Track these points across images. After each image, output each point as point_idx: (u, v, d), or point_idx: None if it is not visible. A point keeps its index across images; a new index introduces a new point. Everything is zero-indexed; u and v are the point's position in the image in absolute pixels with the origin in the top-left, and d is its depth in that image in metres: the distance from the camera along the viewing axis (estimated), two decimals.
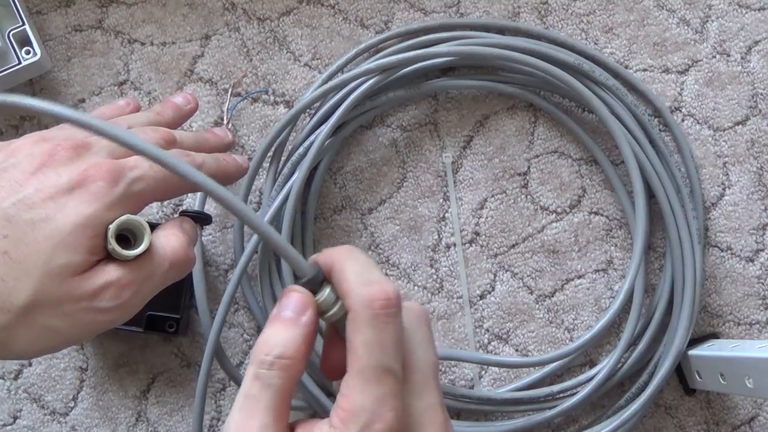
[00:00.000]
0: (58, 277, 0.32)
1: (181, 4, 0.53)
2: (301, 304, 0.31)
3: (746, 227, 0.52)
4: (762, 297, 0.52)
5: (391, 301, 0.29)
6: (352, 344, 0.29)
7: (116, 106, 0.43)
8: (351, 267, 0.31)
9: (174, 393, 0.51)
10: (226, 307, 0.45)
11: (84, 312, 0.33)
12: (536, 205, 0.53)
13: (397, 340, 0.30)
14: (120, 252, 0.33)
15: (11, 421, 0.51)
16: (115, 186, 0.34)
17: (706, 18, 0.54)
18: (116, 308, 0.34)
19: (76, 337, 0.34)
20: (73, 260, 0.32)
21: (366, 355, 0.29)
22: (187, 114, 0.45)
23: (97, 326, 0.34)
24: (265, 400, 0.29)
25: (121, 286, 0.33)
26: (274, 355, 0.30)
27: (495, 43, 0.50)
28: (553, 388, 0.50)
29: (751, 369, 0.43)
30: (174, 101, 0.45)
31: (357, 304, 0.29)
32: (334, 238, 0.52)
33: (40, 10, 0.53)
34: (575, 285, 0.52)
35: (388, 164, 0.53)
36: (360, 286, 0.30)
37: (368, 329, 0.29)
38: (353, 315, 0.29)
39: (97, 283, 0.33)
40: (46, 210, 0.32)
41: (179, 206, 0.52)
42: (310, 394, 0.48)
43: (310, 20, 0.53)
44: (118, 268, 0.34)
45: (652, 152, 0.50)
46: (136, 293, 0.34)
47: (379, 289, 0.30)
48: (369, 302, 0.29)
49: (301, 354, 0.30)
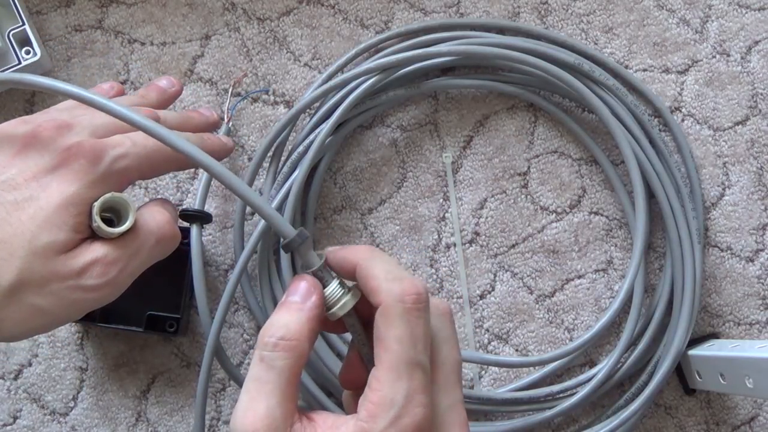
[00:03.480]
0: (44, 256, 0.32)
1: (181, 4, 0.53)
2: (306, 289, 0.32)
3: (746, 227, 0.52)
4: (762, 297, 0.52)
5: (422, 296, 0.30)
6: (383, 338, 0.30)
7: (100, 89, 0.43)
8: (378, 264, 0.31)
9: (174, 393, 0.51)
10: (226, 306, 0.45)
11: (71, 290, 0.33)
12: (536, 205, 0.53)
13: (426, 335, 0.30)
14: (105, 230, 0.33)
15: (11, 421, 0.51)
16: (97, 164, 0.34)
17: (706, 18, 0.54)
18: (103, 285, 0.33)
19: (64, 316, 0.33)
20: (58, 239, 0.32)
21: (399, 349, 0.29)
22: (171, 96, 0.45)
23: (85, 304, 0.34)
24: (271, 381, 0.30)
25: (108, 263, 0.33)
26: (278, 337, 0.31)
27: (495, 42, 0.50)
28: (553, 388, 0.50)
29: (751, 369, 0.43)
30: (158, 84, 0.45)
31: (389, 298, 0.30)
32: (334, 238, 0.52)
33: (40, 10, 0.53)
34: (575, 285, 0.52)
35: (388, 164, 0.53)
36: (390, 282, 0.30)
37: (401, 323, 0.30)
38: (384, 310, 0.30)
39: (83, 261, 0.33)
40: (30, 190, 0.32)
41: (179, 206, 0.52)
42: (310, 394, 0.48)
43: (310, 20, 0.53)
44: (104, 246, 0.34)
45: (652, 152, 0.50)
46: (123, 270, 0.34)
47: (410, 285, 0.30)
48: (401, 297, 0.30)
49: (304, 336, 0.31)
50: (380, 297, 0.30)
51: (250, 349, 0.51)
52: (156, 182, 0.52)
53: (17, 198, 0.32)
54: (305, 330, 0.31)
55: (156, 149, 0.36)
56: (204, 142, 0.41)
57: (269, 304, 0.49)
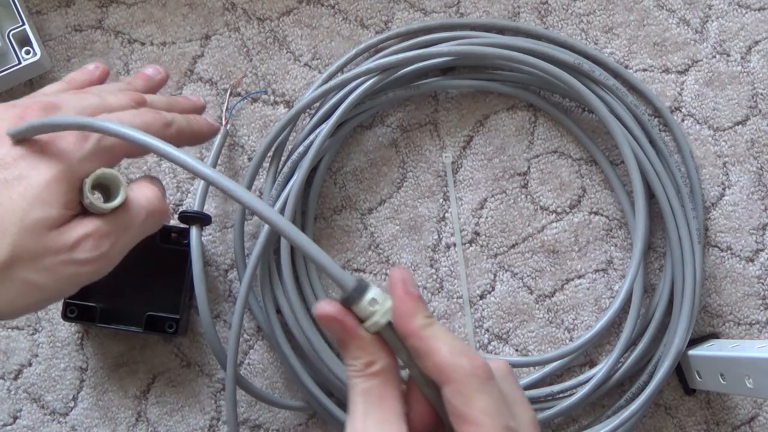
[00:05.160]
0: (35, 232, 0.32)
1: (181, 4, 0.53)
2: (332, 324, 0.31)
3: (746, 227, 0.52)
4: (762, 297, 0.52)
5: (487, 365, 0.30)
6: (466, 415, 0.29)
7: (86, 70, 0.43)
8: (439, 337, 0.30)
9: (174, 393, 0.51)
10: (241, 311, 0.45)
11: (64, 265, 0.33)
12: (536, 205, 0.53)
13: (505, 400, 0.30)
14: (97, 205, 0.34)
15: (11, 421, 0.51)
16: (85, 141, 0.34)
17: (706, 18, 0.54)
18: (96, 259, 0.34)
19: (58, 291, 0.34)
20: (49, 214, 0.32)
21: (489, 422, 0.29)
22: (157, 84, 0.46)
23: (78, 279, 0.34)
24: (360, 403, 0.31)
25: (100, 236, 0.34)
26: (357, 370, 0.31)
27: (495, 42, 0.50)
28: (553, 388, 0.50)
29: (751, 369, 0.43)
30: (144, 72, 0.45)
31: (460, 374, 0.29)
32: (334, 238, 0.52)
33: (40, 10, 0.53)
34: (575, 285, 0.52)
35: (388, 164, 0.53)
36: (457, 357, 0.30)
37: (483, 396, 0.29)
38: (460, 387, 0.29)
39: (75, 235, 0.33)
40: (19, 169, 0.33)
41: (179, 206, 0.52)
42: (311, 394, 0.48)
43: (310, 20, 0.53)
44: (95, 220, 0.34)
45: (652, 152, 0.50)
46: (115, 244, 0.35)
47: (477, 359, 0.30)
48: (473, 371, 0.29)
49: (369, 356, 0.31)
50: (448, 374, 0.30)
51: (250, 349, 0.51)
52: None
53: (7, 177, 0.32)
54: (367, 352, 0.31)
55: (143, 128, 0.36)
56: (191, 122, 0.42)
57: (269, 305, 0.49)
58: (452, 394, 0.29)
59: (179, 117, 0.41)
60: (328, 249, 0.52)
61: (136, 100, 0.40)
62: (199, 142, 0.44)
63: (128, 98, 0.39)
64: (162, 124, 0.39)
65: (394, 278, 0.31)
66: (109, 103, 0.38)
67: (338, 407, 0.48)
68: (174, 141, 0.39)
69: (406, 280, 0.31)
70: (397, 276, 0.31)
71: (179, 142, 0.40)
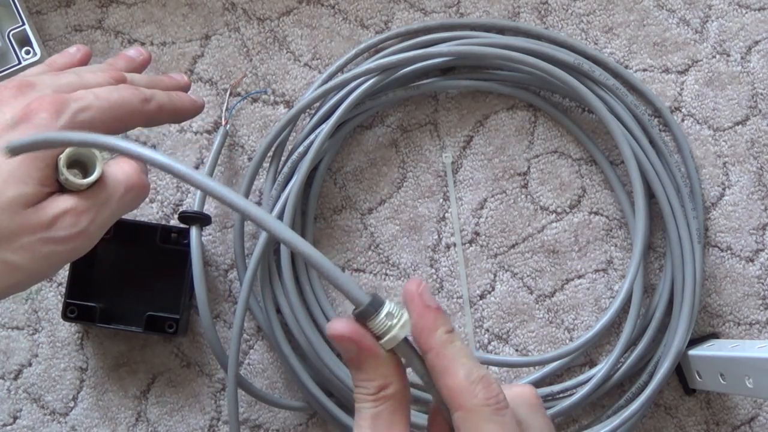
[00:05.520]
0: (11, 210, 0.32)
1: (181, 4, 0.53)
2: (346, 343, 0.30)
3: (746, 227, 0.52)
4: (762, 297, 0.52)
5: (501, 394, 0.29)
6: None
7: (67, 53, 0.42)
8: (458, 358, 0.29)
9: (174, 393, 0.51)
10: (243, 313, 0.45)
11: (42, 243, 0.32)
12: (536, 205, 0.53)
13: (517, 430, 0.29)
14: (73, 181, 0.33)
15: (11, 421, 0.51)
16: (59, 117, 0.33)
17: (706, 18, 0.54)
18: (75, 236, 0.33)
19: (37, 271, 0.33)
20: (23, 192, 0.32)
21: None
22: (139, 65, 0.44)
23: (58, 257, 0.33)
24: (367, 428, 0.30)
25: (78, 213, 0.33)
26: (368, 394, 0.30)
27: (495, 43, 0.50)
28: (553, 387, 0.50)
29: (751, 369, 0.43)
30: (126, 54, 0.44)
31: (472, 402, 0.28)
32: (334, 238, 0.52)
33: (40, 10, 0.53)
34: (575, 285, 0.52)
35: (388, 164, 0.53)
36: (472, 384, 0.29)
37: (493, 426, 0.28)
38: (468, 415, 0.28)
39: (52, 212, 0.32)
40: None
41: (179, 206, 0.52)
42: (311, 394, 0.48)
43: (310, 20, 0.53)
44: (72, 197, 0.33)
45: (652, 152, 0.50)
46: (94, 220, 0.34)
47: (490, 386, 0.29)
48: (486, 401, 0.28)
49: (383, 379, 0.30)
50: (460, 401, 0.29)
51: (250, 349, 0.51)
52: (156, 182, 0.52)
53: None
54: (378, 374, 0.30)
55: (122, 103, 0.36)
56: (172, 98, 0.40)
57: (269, 305, 0.49)
58: (461, 421, 0.29)
59: (160, 93, 0.40)
60: (328, 249, 0.52)
61: (114, 77, 0.39)
62: (182, 120, 0.43)
63: (107, 75, 0.38)
64: (140, 100, 0.37)
65: (410, 291, 0.30)
66: (87, 81, 0.37)
67: (338, 407, 0.48)
68: (155, 117, 0.38)
69: (423, 292, 0.30)
70: (413, 288, 0.30)
71: (160, 119, 0.39)
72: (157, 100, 0.39)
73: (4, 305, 0.51)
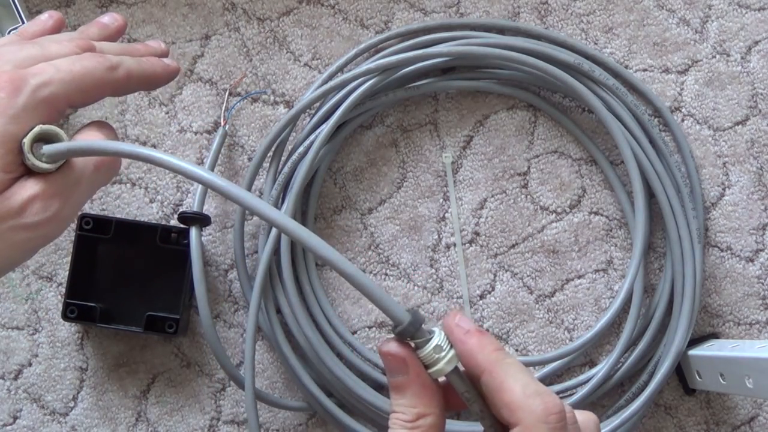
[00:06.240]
0: None
1: (181, 4, 0.53)
2: (396, 365, 0.30)
3: (746, 227, 0.52)
4: (762, 297, 0.52)
5: (563, 413, 0.28)
6: None
7: (38, 21, 0.40)
8: (513, 374, 0.29)
9: (174, 393, 0.51)
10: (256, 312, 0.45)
11: (13, 231, 0.31)
12: (536, 205, 0.53)
13: None
14: (39, 165, 0.31)
15: (11, 421, 0.51)
16: (17, 96, 0.31)
17: (706, 18, 0.54)
18: (47, 221, 0.32)
19: (10, 259, 0.32)
20: None
21: None
22: (113, 32, 0.42)
23: (30, 244, 0.32)
24: None
25: (47, 197, 0.31)
26: (406, 420, 0.30)
27: (495, 43, 0.50)
28: (553, 387, 0.50)
29: (751, 369, 0.43)
30: (100, 20, 0.42)
31: (530, 418, 0.28)
32: (334, 238, 0.52)
33: (40, 10, 0.53)
34: (575, 285, 0.52)
35: (388, 164, 0.53)
36: (530, 398, 0.28)
37: None
38: (526, 430, 0.28)
39: (20, 199, 0.31)
40: None
41: (179, 206, 0.52)
42: (311, 394, 0.48)
43: (310, 20, 0.53)
44: (40, 181, 0.31)
45: (652, 152, 0.50)
46: (66, 203, 0.32)
47: (551, 402, 0.28)
48: (544, 417, 0.28)
49: (424, 408, 0.30)
50: (518, 415, 0.28)
51: None
52: (156, 182, 0.52)
53: None
54: (423, 403, 0.30)
55: (84, 73, 0.34)
56: (142, 64, 0.38)
57: (269, 304, 0.49)
58: None
59: (128, 59, 0.37)
60: None
61: (81, 46, 0.36)
62: (155, 86, 0.40)
63: (72, 45, 0.36)
64: (105, 68, 0.35)
65: (449, 325, 0.30)
66: (49, 52, 0.35)
67: (338, 407, 0.48)
68: (123, 85, 0.36)
69: (460, 321, 0.30)
70: (450, 322, 0.30)
71: (129, 87, 0.37)
72: (125, 67, 0.36)
73: (4, 305, 0.51)
